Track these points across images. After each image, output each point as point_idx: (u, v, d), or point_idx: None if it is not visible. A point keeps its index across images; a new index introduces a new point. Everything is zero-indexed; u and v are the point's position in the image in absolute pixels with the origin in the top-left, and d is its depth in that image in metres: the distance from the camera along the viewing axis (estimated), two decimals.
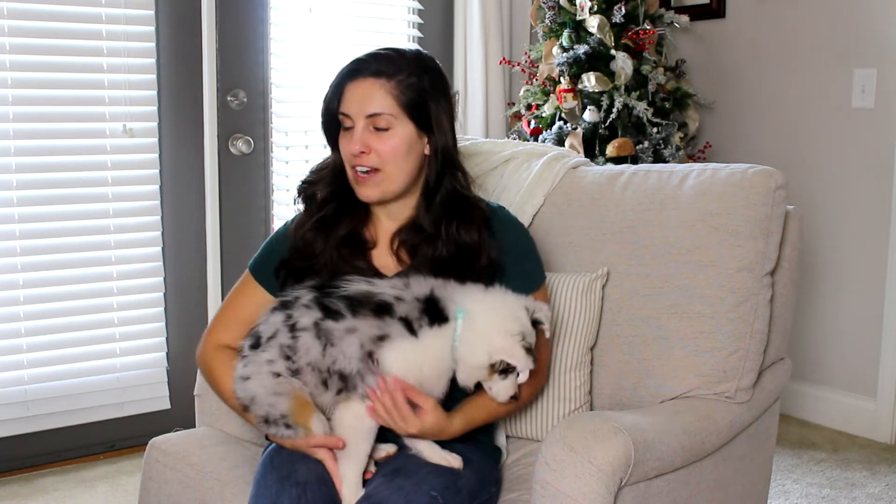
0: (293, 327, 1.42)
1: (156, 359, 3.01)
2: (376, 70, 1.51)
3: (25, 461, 2.84)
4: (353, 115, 1.52)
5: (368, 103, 1.51)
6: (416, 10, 3.40)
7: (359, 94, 1.51)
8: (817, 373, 3.29)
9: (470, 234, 1.55)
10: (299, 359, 1.42)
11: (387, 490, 1.39)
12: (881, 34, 3.03)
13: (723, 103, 3.46)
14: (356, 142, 1.51)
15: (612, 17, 3.01)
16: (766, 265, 1.67)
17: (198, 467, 1.64)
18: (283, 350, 1.42)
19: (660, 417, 1.55)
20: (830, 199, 3.20)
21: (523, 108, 3.27)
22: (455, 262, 1.54)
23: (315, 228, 1.58)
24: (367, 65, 1.52)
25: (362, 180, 1.54)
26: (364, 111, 1.51)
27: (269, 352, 1.43)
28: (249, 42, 3.04)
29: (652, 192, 1.78)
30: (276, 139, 3.13)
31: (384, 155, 1.52)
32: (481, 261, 1.55)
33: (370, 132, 1.51)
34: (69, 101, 2.81)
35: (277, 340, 1.43)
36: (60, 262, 2.82)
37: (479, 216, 1.58)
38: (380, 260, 1.60)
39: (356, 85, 1.52)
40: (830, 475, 2.81)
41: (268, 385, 1.42)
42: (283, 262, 1.59)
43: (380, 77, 1.51)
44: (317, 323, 1.41)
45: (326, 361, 1.41)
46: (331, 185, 1.60)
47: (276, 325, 1.44)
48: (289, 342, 1.42)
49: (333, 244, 1.57)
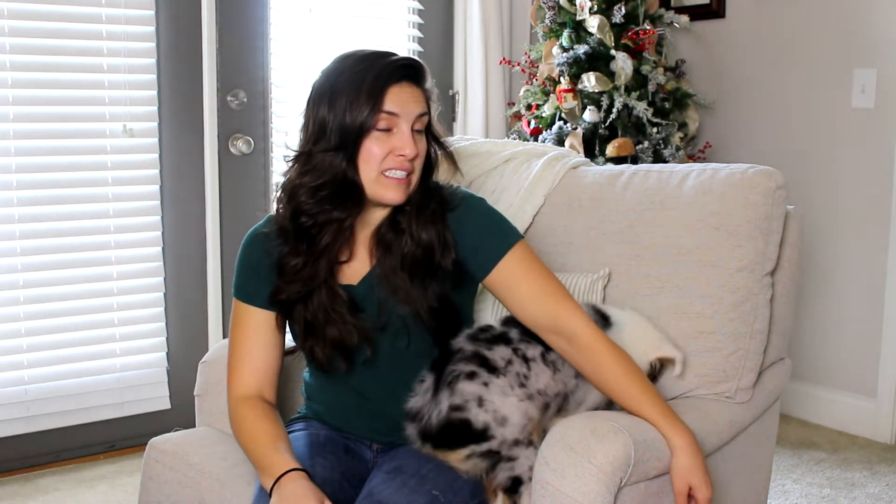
0: (525, 358, 1.51)
1: (156, 359, 3.01)
2: (416, 72, 1.48)
3: (25, 461, 2.84)
4: (400, 115, 1.45)
5: (420, 104, 1.48)
6: (416, 10, 3.40)
7: (408, 96, 1.46)
8: (817, 373, 3.29)
9: (427, 231, 1.51)
10: (530, 385, 1.49)
11: (388, 489, 1.39)
12: (881, 34, 3.03)
13: (723, 103, 3.46)
14: (410, 144, 1.45)
15: (612, 17, 3.01)
16: (766, 265, 1.67)
17: (197, 467, 1.64)
18: (519, 378, 1.49)
19: None
20: (830, 199, 3.20)
21: (523, 108, 3.27)
22: (421, 260, 1.51)
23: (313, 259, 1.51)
24: (409, 68, 1.47)
25: (399, 183, 1.47)
26: (415, 111, 1.47)
27: (503, 379, 1.48)
28: (249, 42, 3.04)
29: (652, 192, 1.78)
30: (276, 139, 3.13)
31: (421, 157, 1.50)
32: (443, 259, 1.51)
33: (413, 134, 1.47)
34: (69, 102, 2.81)
35: (514, 368, 1.50)
36: (60, 262, 2.82)
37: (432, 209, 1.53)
38: (352, 268, 1.55)
39: (402, 86, 1.46)
40: (830, 475, 2.81)
41: (521, 408, 1.48)
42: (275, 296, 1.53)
43: (417, 80, 1.49)
44: (542, 354, 1.53)
45: (557, 386, 1.51)
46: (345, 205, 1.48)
47: (507, 356, 1.51)
48: (524, 371, 1.50)
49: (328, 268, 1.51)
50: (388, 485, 1.40)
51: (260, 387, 1.57)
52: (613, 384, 1.46)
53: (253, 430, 1.50)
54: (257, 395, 1.56)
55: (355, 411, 1.61)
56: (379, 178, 1.47)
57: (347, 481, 1.50)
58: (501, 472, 1.45)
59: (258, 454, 1.47)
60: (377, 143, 1.45)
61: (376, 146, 1.45)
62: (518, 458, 1.44)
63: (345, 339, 1.51)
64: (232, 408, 1.56)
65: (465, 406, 1.45)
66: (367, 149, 1.45)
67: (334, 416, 1.63)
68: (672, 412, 1.44)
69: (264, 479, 1.43)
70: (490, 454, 1.45)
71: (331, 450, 1.55)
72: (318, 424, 1.63)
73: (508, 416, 1.44)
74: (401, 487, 1.39)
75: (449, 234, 1.52)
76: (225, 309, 3.02)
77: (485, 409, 1.44)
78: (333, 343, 1.51)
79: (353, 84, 1.44)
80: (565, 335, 1.48)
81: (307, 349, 1.55)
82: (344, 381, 1.58)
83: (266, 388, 1.57)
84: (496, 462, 1.45)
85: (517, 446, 1.45)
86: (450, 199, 1.55)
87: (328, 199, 1.47)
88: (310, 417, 1.67)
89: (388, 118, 1.44)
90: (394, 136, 1.45)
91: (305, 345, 1.55)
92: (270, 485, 1.40)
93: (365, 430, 1.61)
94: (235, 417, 1.55)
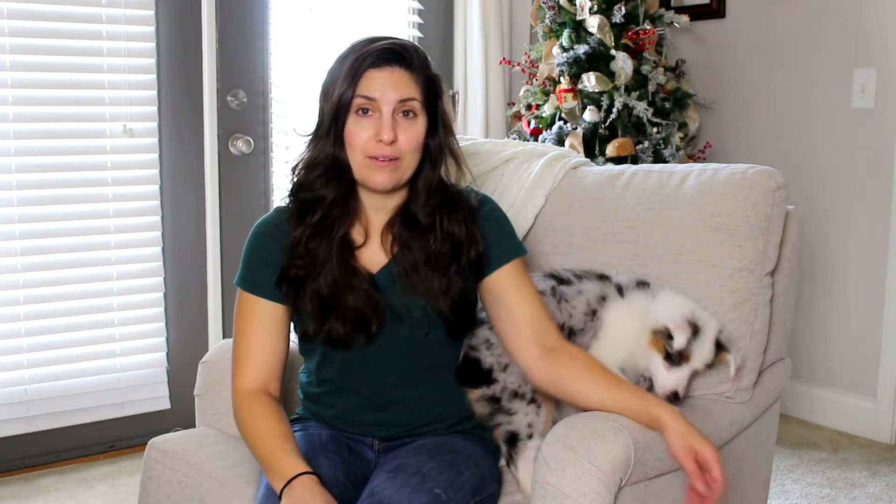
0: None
1: (156, 359, 3.01)
2: (400, 57, 1.49)
3: (25, 461, 2.84)
4: (378, 100, 1.47)
5: (401, 88, 1.48)
6: (416, 10, 3.40)
7: (386, 79, 1.47)
8: (817, 373, 3.29)
9: (459, 227, 1.55)
10: None
11: (390, 488, 1.39)
12: (881, 34, 3.03)
13: (723, 103, 3.46)
14: (387, 128, 1.47)
15: (612, 17, 3.01)
16: (766, 265, 1.67)
17: (197, 467, 1.64)
18: None
19: None
20: (830, 199, 3.20)
21: (523, 108, 3.27)
22: (447, 255, 1.54)
23: (316, 234, 1.54)
24: (390, 52, 1.49)
25: (381, 166, 1.50)
26: (396, 96, 1.48)
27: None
28: (249, 42, 3.04)
29: (652, 192, 1.78)
30: (276, 139, 3.13)
31: (407, 143, 1.50)
32: (470, 253, 1.55)
33: (395, 119, 1.49)
34: (69, 102, 2.81)
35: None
36: (60, 262, 2.82)
37: (466, 208, 1.58)
38: (368, 255, 1.58)
39: (382, 70, 1.48)
40: (830, 475, 2.81)
41: None
42: (285, 273, 1.54)
43: (403, 65, 1.49)
44: (553, 287, 1.61)
45: (563, 317, 1.59)
46: (332, 183, 1.54)
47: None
48: None
49: (335, 248, 1.53)
50: (389, 484, 1.40)
51: (265, 381, 1.56)
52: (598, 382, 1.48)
53: (260, 427, 1.50)
54: (263, 389, 1.55)
55: (359, 406, 1.60)
56: (365, 162, 1.51)
57: (351, 481, 1.49)
58: (501, 423, 1.56)
59: (265, 453, 1.46)
60: (358, 126, 1.49)
61: (358, 129, 1.49)
62: (516, 413, 1.54)
63: (364, 309, 1.52)
64: (237, 403, 1.56)
65: (477, 347, 1.60)
66: (350, 130, 1.50)
67: (335, 414, 1.62)
68: (655, 399, 1.46)
69: (273, 479, 1.43)
70: (493, 400, 1.57)
71: (334, 449, 1.55)
72: (317, 425, 1.63)
73: (510, 362, 1.56)
74: (403, 486, 1.39)
75: (476, 228, 1.57)
76: (225, 309, 3.02)
77: (491, 353, 1.58)
78: (355, 312, 1.51)
79: (339, 64, 1.51)
80: (546, 345, 1.52)
81: (324, 330, 1.53)
82: (351, 371, 1.58)
83: (271, 382, 1.57)
84: (496, 410, 1.56)
85: (517, 399, 1.55)
86: (468, 195, 1.61)
87: (319, 177, 1.54)
88: (307, 419, 1.67)
89: (367, 101, 1.48)
90: (376, 121, 1.49)
91: (322, 326, 1.53)
92: (280, 486, 1.40)
93: (368, 425, 1.60)
94: (241, 413, 1.54)
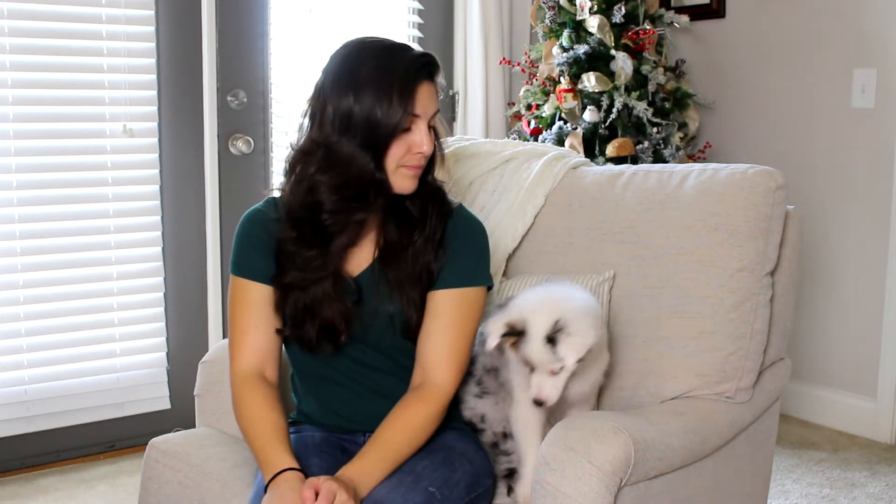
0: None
1: (156, 359, 3.01)
2: (434, 69, 1.50)
3: (25, 461, 2.84)
4: (422, 115, 1.48)
5: (435, 100, 1.50)
6: (416, 10, 3.40)
7: (428, 95, 1.48)
8: (817, 373, 3.29)
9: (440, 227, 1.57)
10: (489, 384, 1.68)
11: (384, 488, 1.40)
12: (881, 34, 3.03)
13: (723, 103, 3.46)
14: (428, 142, 1.48)
15: (612, 17, 3.01)
16: (766, 265, 1.67)
17: (198, 467, 1.64)
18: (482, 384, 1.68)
19: (660, 417, 1.54)
20: (830, 199, 3.20)
21: (523, 108, 3.27)
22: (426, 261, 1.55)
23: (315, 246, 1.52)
24: (431, 67, 1.49)
25: (414, 173, 1.51)
26: (433, 109, 1.50)
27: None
28: (249, 42, 3.04)
29: (652, 192, 1.78)
30: (276, 139, 3.13)
31: (430, 150, 1.52)
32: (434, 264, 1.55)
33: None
34: (69, 102, 2.81)
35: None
36: (60, 262, 2.82)
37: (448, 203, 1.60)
38: (355, 253, 1.57)
39: (423, 85, 1.47)
40: (830, 475, 2.81)
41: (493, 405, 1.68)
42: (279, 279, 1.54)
43: (434, 77, 1.50)
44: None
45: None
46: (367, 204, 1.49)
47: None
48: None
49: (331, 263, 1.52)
50: (383, 484, 1.40)
51: (262, 364, 1.56)
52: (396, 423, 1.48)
53: (253, 416, 1.51)
54: (259, 373, 1.56)
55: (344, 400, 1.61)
56: (397, 171, 1.49)
57: None
58: (501, 463, 1.64)
59: (258, 444, 1.47)
60: (400, 139, 1.47)
61: (400, 142, 1.47)
62: (514, 453, 1.60)
63: (337, 324, 1.52)
64: (234, 388, 1.57)
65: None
66: (394, 147, 1.46)
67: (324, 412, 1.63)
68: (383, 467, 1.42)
69: (262, 471, 1.44)
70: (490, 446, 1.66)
71: (326, 450, 1.55)
72: (311, 427, 1.64)
73: (484, 412, 1.66)
74: (397, 486, 1.40)
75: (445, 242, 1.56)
76: (225, 309, 3.02)
77: (465, 406, 1.68)
78: (326, 325, 1.52)
79: (381, 80, 1.43)
80: (420, 379, 1.53)
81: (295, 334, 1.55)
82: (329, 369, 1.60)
83: (268, 365, 1.57)
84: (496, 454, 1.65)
85: (510, 439, 1.61)
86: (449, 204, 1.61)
87: (353, 199, 1.48)
88: (301, 422, 1.67)
89: (414, 119, 1.47)
90: (412, 133, 1.47)
91: (296, 329, 1.54)
92: (268, 479, 1.41)
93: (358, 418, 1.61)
94: (237, 399, 1.55)
